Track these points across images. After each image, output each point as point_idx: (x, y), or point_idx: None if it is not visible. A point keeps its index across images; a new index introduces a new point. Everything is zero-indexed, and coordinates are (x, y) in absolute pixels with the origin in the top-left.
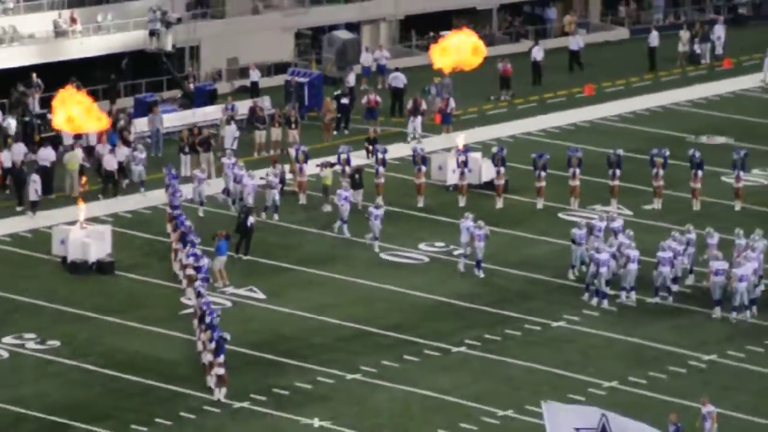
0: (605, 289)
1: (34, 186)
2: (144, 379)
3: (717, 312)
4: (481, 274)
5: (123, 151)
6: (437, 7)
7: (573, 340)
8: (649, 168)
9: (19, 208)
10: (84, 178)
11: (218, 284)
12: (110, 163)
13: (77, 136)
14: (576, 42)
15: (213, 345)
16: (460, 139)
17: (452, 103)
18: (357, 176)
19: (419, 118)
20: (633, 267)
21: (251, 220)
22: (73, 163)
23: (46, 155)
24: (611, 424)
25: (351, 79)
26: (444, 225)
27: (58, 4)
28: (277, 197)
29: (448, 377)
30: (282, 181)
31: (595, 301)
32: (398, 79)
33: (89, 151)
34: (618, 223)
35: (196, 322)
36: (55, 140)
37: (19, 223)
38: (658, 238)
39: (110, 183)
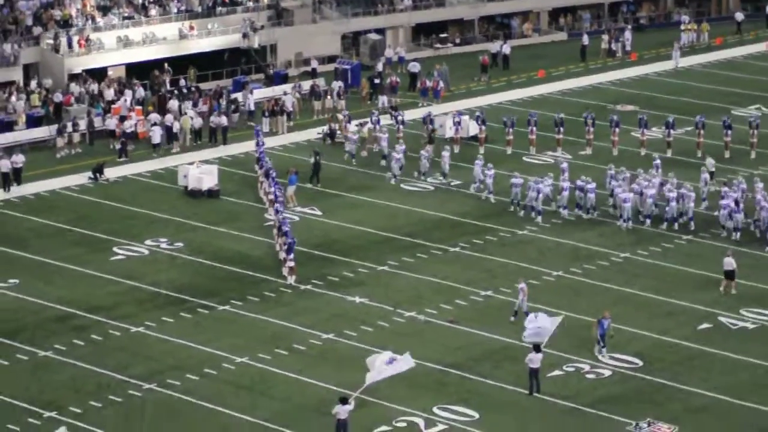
0: (540, 208)
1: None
2: (240, 269)
3: (623, 223)
4: (492, 199)
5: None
6: (437, 17)
7: (532, 242)
8: (582, 126)
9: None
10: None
11: (290, 205)
12: (217, 122)
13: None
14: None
15: (286, 246)
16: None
17: (441, 84)
18: (432, 135)
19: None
20: (565, 193)
21: (319, 158)
22: (186, 121)
23: (168, 118)
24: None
25: (379, 67)
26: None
27: (182, 17)
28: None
29: (446, 268)
30: (332, 135)
31: (538, 217)
32: (415, 66)
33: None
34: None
35: (275, 231)
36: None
37: (155, 164)
38: (589, 173)
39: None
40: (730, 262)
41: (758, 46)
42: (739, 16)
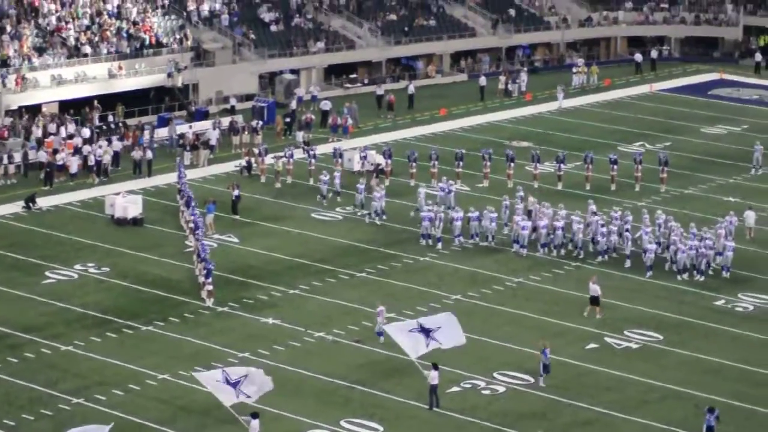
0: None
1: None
2: (162, 292)
3: (516, 249)
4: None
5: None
6: (347, 60)
7: (432, 268)
8: (480, 160)
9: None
10: None
11: (209, 232)
12: (145, 155)
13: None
14: (382, 89)
15: (205, 271)
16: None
17: (349, 120)
18: (378, 169)
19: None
20: (458, 223)
21: (238, 193)
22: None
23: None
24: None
25: (293, 105)
26: (352, 196)
27: (112, 57)
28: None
29: (354, 293)
30: (249, 167)
31: (439, 244)
32: (326, 104)
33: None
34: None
35: (195, 257)
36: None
37: (83, 194)
38: (487, 203)
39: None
40: (594, 289)
41: (643, 87)
42: (638, 57)
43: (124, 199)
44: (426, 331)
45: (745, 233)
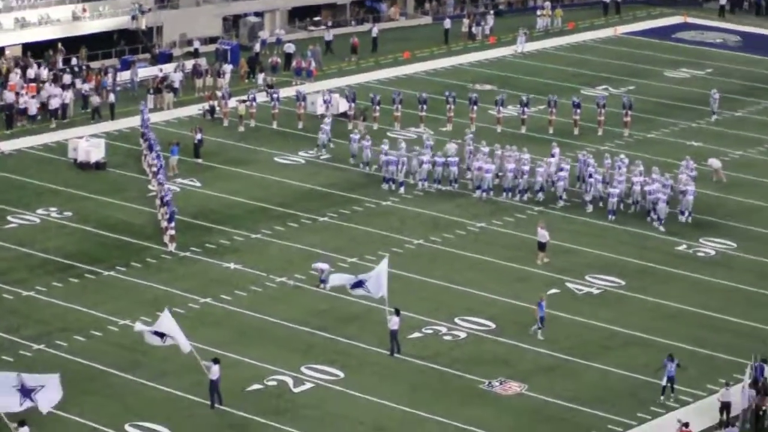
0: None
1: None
2: (124, 237)
3: (478, 194)
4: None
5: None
6: (311, 2)
7: (395, 213)
8: (444, 104)
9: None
10: None
11: (171, 174)
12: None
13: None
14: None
15: (167, 215)
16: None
17: (313, 64)
18: (364, 113)
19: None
20: (426, 167)
21: (200, 136)
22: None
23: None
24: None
25: (257, 47)
26: (315, 140)
27: (75, 0)
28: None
29: (316, 237)
30: (212, 111)
31: (401, 189)
32: (290, 47)
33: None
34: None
35: (157, 201)
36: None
37: (47, 137)
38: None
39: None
40: (543, 234)
41: (607, 30)
42: None
43: (87, 143)
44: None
45: (712, 176)
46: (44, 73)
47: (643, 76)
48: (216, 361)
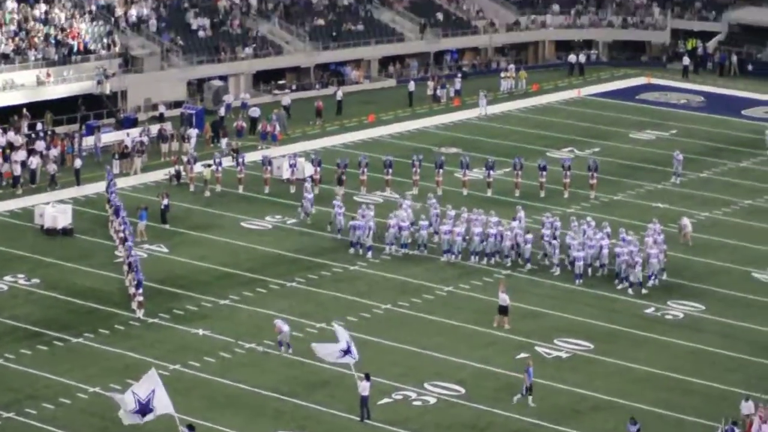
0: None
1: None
2: (92, 303)
3: (446, 257)
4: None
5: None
6: (275, 65)
7: (363, 277)
8: (410, 168)
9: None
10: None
11: (139, 239)
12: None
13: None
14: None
15: (135, 282)
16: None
17: (278, 128)
18: (342, 177)
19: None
20: (392, 230)
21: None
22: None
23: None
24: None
25: (222, 111)
26: (281, 205)
27: (40, 64)
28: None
29: (284, 302)
30: (178, 176)
31: (369, 253)
32: (255, 111)
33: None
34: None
35: (125, 267)
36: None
37: (13, 204)
38: (417, 213)
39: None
40: (503, 298)
41: (571, 92)
42: (573, 58)
43: (53, 209)
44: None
45: (679, 238)
46: (14, 138)
47: (608, 137)
48: (191, 428)
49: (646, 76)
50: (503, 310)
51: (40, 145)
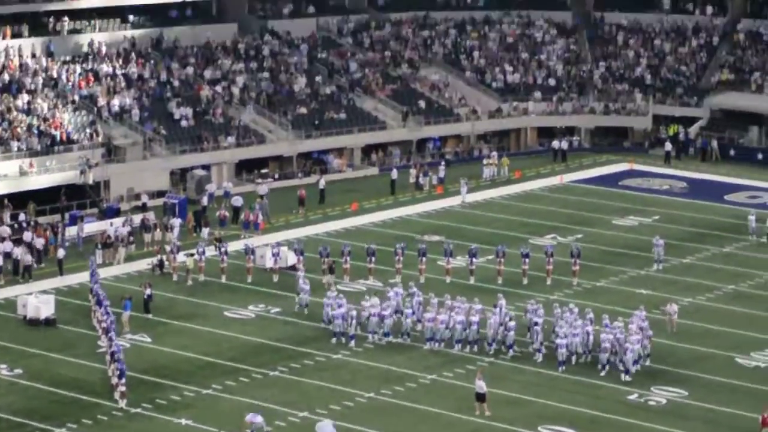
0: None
1: None
2: (75, 394)
3: (429, 345)
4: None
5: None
6: (258, 154)
7: (346, 366)
8: (393, 256)
9: None
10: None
11: (125, 330)
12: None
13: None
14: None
15: (118, 372)
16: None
17: (260, 217)
18: (332, 266)
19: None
20: (374, 319)
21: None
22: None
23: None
24: None
25: (205, 201)
26: (264, 294)
27: (23, 155)
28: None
29: (267, 392)
30: (161, 265)
31: (352, 342)
32: (237, 200)
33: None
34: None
35: (107, 357)
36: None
37: None
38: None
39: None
40: (480, 385)
41: (554, 179)
42: (556, 144)
43: (36, 300)
44: None
45: (667, 327)
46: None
47: (591, 224)
48: None
49: (629, 162)
50: (480, 397)
51: (27, 236)
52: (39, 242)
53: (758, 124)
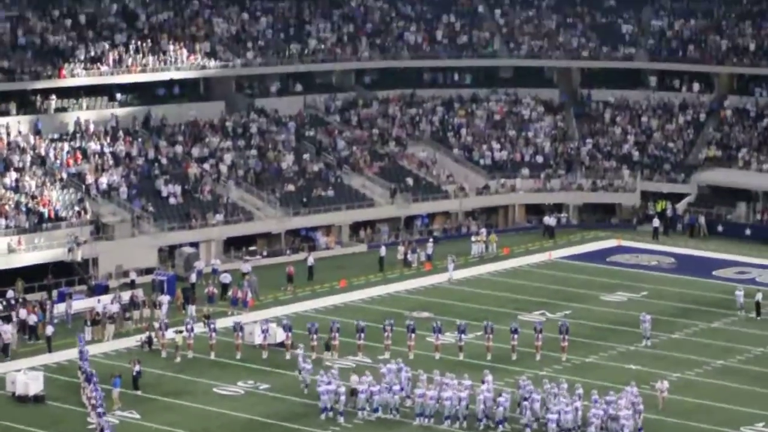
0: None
1: None
2: None
3: (419, 421)
4: None
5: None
6: (246, 231)
7: None
8: (381, 333)
9: None
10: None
11: (115, 407)
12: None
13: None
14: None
15: None
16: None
17: (250, 294)
18: (328, 343)
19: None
20: (362, 396)
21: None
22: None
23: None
24: None
25: (193, 278)
26: (253, 370)
27: (11, 232)
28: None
29: None
30: (150, 342)
31: (341, 418)
32: (226, 277)
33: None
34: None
35: None
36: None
37: None
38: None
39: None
40: None
41: (542, 255)
42: (547, 220)
43: (25, 376)
44: None
45: (658, 403)
46: None
47: (579, 300)
48: None
49: (617, 238)
50: None
51: (23, 313)
52: (32, 319)
53: (746, 200)
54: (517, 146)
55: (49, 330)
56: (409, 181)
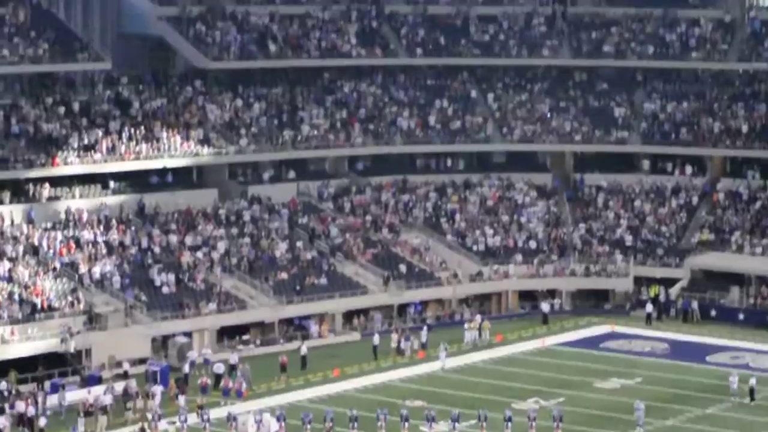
0: None
1: None
2: None
3: None
4: None
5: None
6: (239, 320)
7: None
8: (375, 422)
9: None
10: None
11: None
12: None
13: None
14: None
15: None
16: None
17: (244, 384)
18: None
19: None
20: None
21: None
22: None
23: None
24: None
25: (186, 368)
26: None
27: (4, 322)
28: None
29: None
30: None
31: None
32: (219, 367)
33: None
34: None
35: None
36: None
37: None
38: None
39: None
40: None
41: (535, 342)
42: (543, 306)
43: None
44: None
45: None
46: None
47: (572, 387)
48: None
49: (610, 324)
50: None
51: (20, 405)
52: (30, 411)
53: (739, 284)
54: (510, 232)
55: (42, 422)
56: (402, 268)
